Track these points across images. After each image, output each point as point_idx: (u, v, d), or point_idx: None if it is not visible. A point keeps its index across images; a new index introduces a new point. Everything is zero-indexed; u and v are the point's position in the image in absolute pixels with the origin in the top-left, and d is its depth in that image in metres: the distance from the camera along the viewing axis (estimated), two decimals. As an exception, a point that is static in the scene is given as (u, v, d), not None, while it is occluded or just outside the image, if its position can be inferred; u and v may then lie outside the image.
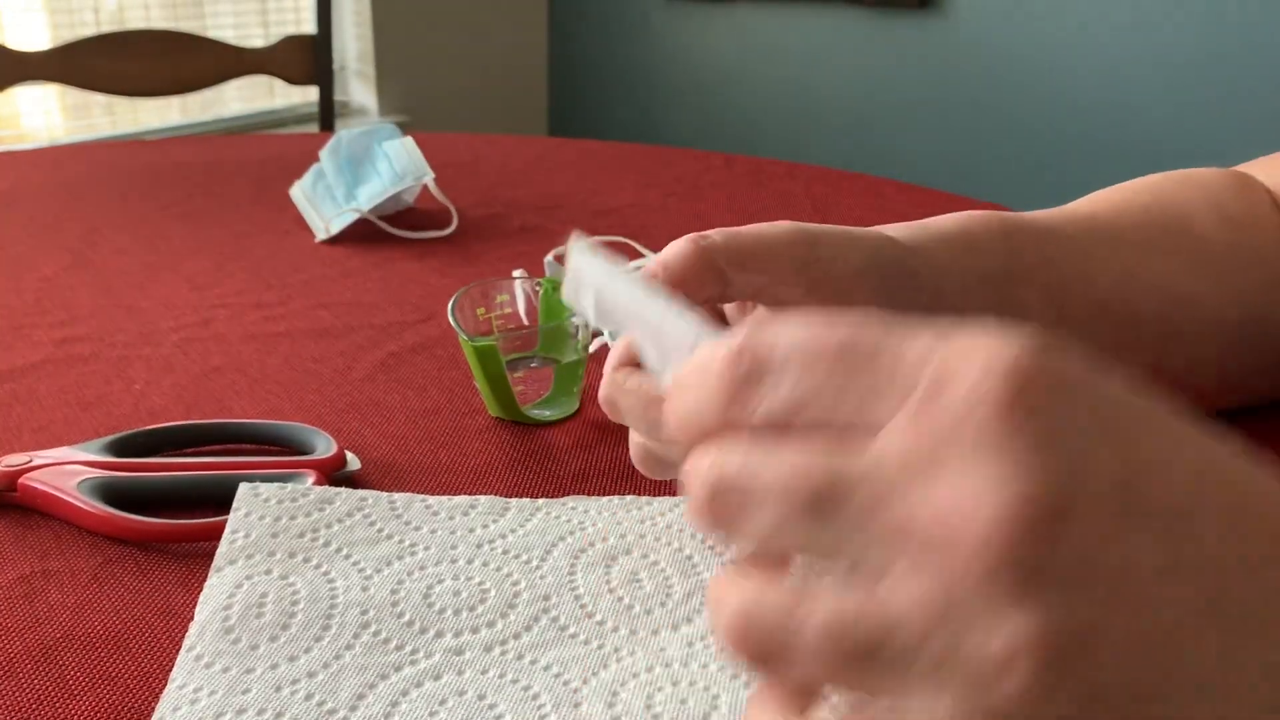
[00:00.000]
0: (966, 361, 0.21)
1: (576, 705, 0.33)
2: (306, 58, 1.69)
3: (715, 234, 0.37)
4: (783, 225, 0.38)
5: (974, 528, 0.19)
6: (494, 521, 0.43)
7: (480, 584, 0.39)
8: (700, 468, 0.23)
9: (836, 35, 2.44)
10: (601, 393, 0.37)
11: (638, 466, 0.39)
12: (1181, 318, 0.47)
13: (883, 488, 0.21)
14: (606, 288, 0.31)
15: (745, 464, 0.23)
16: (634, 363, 0.36)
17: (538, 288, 0.58)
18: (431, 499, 0.44)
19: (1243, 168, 0.55)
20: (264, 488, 0.43)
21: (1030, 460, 0.19)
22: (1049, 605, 0.19)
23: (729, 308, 0.41)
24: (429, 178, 0.88)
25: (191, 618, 0.37)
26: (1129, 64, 2.04)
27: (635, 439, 0.38)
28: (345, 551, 0.40)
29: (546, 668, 0.35)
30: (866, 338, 0.22)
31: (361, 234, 0.85)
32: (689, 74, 2.73)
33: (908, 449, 0.21)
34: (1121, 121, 2.08)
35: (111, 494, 0.44)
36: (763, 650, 0.22)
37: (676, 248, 0.36)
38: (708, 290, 0.36)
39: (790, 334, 0.23)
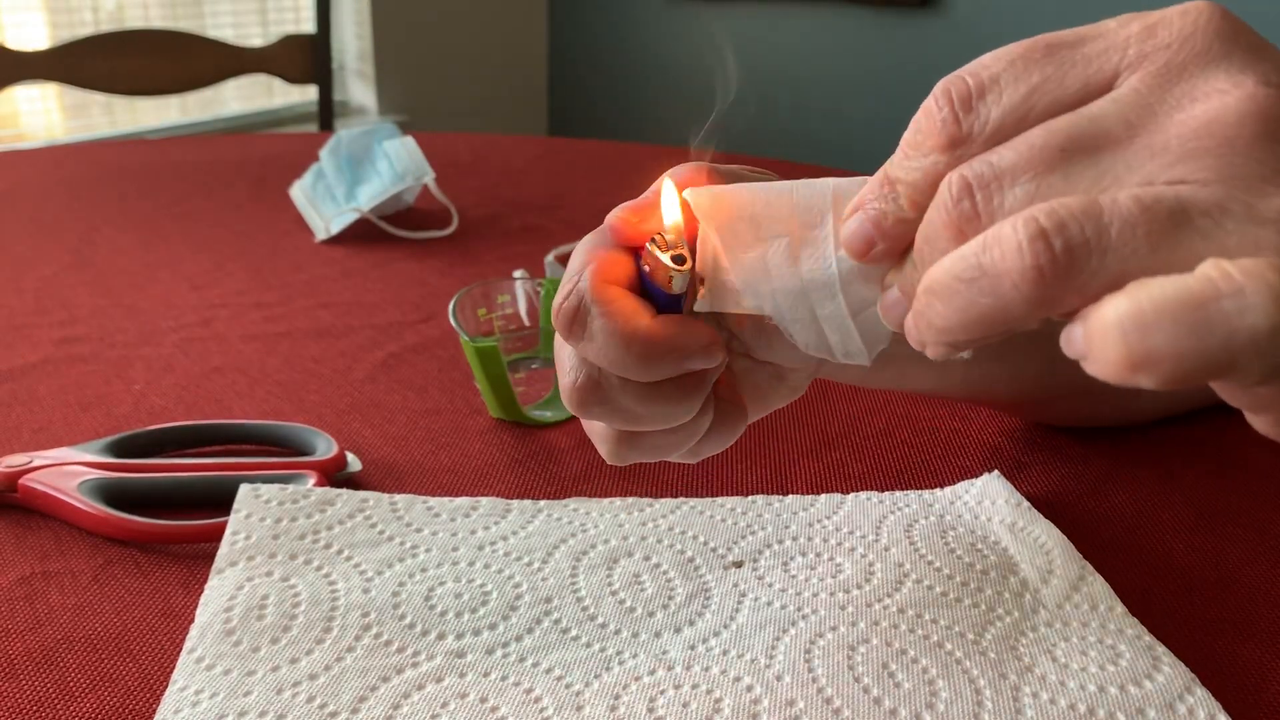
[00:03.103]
0: (1165, 14, 0.24)
1: (579, 708, 0.33)
2: (305, 57, 1.68)
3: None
4: None
5: (1231, 110, 0.22)
6: (495, 523, 0.42)
7: (482, 586, 0.39)
8: (940, 191, 0.24)
9: (837, 35, 2.44)
10: (569, 299, 0.30)
11: (575, 402, 0.32)
12: None
13: (1133, 117, 0.23)
14: (727, 205, 0.30)
15: (986, 161, 0.24)
16: (619, 282, 0.31)
17: (539, 288, 0.58)
18: (433, 500, 0.44)
19: None
20: (265, 489, 0.43)
21: (1257, 62, 0.23)
22: None
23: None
24: (429, 177, 0.88)
25: (192, 619, 0.37)
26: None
27: (577, 367, 0.31)
28: (346, 553, 0.40)
29: (548, 670, 0.35)
30: (1063, 33, 0.25)
31: (361, 234, 0.85)
32: (689, 74, 2.73)
33: (1145, 84, 0.23)
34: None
35: (112, 495, 0.44)
36: (1078, 247, 0.21)
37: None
38: None
39: (990, 55, 0.25)
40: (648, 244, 0.31)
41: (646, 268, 0.31)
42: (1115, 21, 0.24)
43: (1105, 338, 0.20)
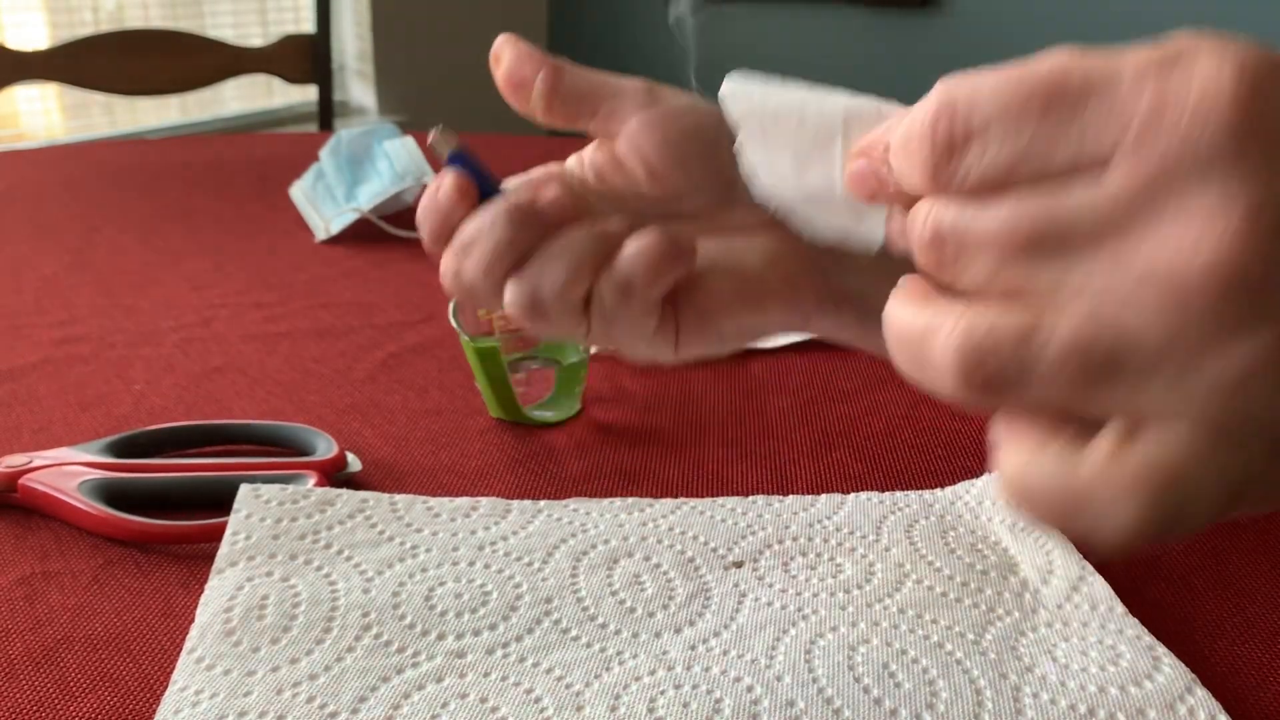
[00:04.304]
0: (1183, 85, 0.20)
1: (579, 708, 0.33)
2: (305, 57, 1.68)
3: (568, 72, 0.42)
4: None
5: (1205, 252, 0.20)
6: (496, 523, 0.42)
7: (482, 586, 0.39)
8: (916, 219, 0.25)
9: (837, 35, 2.44)
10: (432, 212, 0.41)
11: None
12: None
13: (1107, 224, 0.21)
14: (752, 105, 0.33)
15: (959, 218, 0.24)
16: (470, 201, 0.40)
17: (539, 288, 0.58)
18: (433, 501, 0.44)
19: None
20: (265, 489, 0.43)
21: (1263, 170, 0.20)
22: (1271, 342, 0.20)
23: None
24: (429, 177, 0.88)
25: (192, 619, 0.37)
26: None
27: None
28: (346, 553, 0.40)
29: (549, 670, 0.35)
30: (1073, 76, 0.22)
31: (361, 234, 0.85)
32: (688, 74, 2.73)
33: (1132, 182, 0.21)
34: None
35: (112, 495, 0.44)
36: (999, 376, 0.23)
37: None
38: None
39: (989, 90, 0.23)
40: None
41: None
42: (1131, 70, 0.21)
43: (999, 474, 0.25)
